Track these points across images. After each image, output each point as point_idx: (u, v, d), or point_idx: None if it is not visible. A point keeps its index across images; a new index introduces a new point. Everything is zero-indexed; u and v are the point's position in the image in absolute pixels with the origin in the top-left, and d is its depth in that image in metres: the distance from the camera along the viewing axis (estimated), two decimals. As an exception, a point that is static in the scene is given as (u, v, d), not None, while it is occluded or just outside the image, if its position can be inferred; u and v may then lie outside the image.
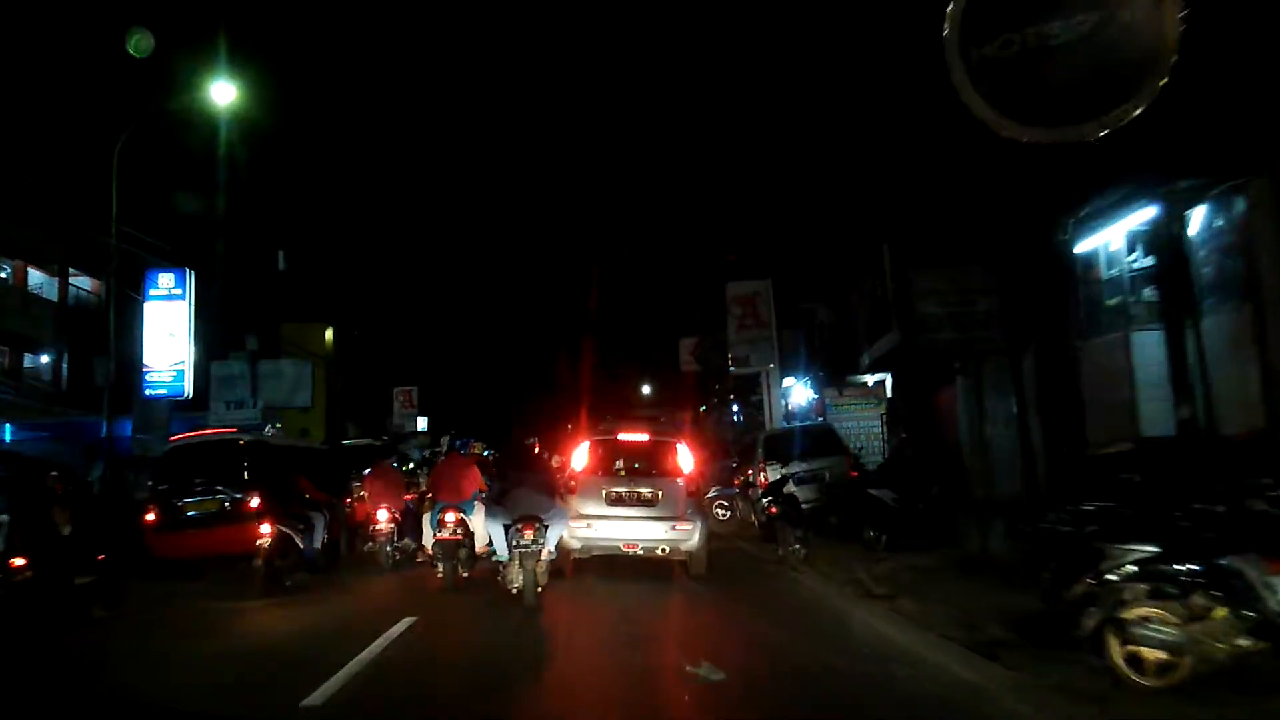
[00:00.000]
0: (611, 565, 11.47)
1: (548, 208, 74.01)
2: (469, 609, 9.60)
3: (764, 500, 13.08)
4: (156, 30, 18.74)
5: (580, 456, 11.41)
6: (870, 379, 22.06)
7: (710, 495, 21.47)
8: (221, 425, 30.28)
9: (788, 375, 24.32)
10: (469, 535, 10.54)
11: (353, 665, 6.62)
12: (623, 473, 11.22)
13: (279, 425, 31.69)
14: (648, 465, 11.36)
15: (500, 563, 9.55)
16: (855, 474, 15.71)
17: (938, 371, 15.46)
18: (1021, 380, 11.02)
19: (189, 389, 22.25)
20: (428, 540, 10.89)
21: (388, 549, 12.57)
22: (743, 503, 18.64)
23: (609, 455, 11.49)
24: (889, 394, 21.00)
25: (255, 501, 11.64)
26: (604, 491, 10.81)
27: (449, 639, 8.22)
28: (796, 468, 15.57)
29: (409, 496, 13.65)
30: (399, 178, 63.29)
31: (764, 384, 23.99)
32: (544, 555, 9.20)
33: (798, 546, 11.92)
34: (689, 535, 10.69)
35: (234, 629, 8.91)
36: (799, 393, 25.53)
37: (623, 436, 11.62)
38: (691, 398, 47.25)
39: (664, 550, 10.69)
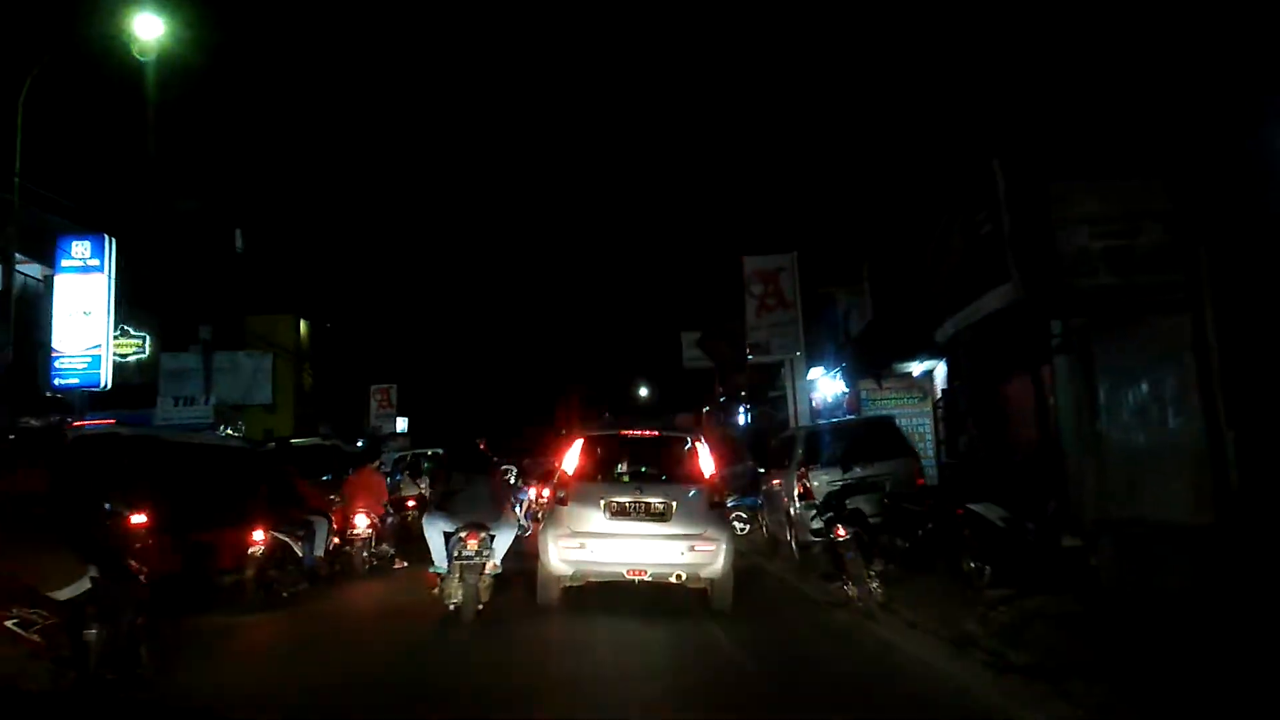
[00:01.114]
0: (607, 592, 9.07)
1: (536, 188, 70.47)
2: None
3: (819, 518, 9.62)
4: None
5: (572, 457, 9.14)
6: (917, 368, 18.59)
7: (729, 505, 18.29)
8: (170, 423, 27.20)
9: (814, 365, 20.83)
10: None
11: None
12: (626, 478, 9.21)
13: (241, 427, 28.44)
14: (658, 468, 9.40)
15: (439, 574, 8.47)
16: (922, 480, 12.26)
17: (1011, 353, 12.08)
18: (1206, 349, 7.55)
19: (106, 378, 18.68)
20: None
21: (364, 554, 11.91)
22: (769, 516, 15.16)
23: (609, 456, 9.63)
24: (942, 385, 17.56)
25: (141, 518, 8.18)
26: (603, 502, 8.60)
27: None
28: (850, 474, 12.12)
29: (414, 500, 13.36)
30: (377, 155, 59.44)
31: (787, 375, 20.50)
32: (489, 569, 8.48)
33: (876, 585, 8.43)
34: (712, 558, 8.47)
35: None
36: (825, 385, 22.02)
37: (626, 432, 9.74)
38: (695, 398, 44.00)
39: (679, 577, 8.46)
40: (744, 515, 18.31)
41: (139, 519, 7.21)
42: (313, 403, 37.80)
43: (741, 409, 34.82)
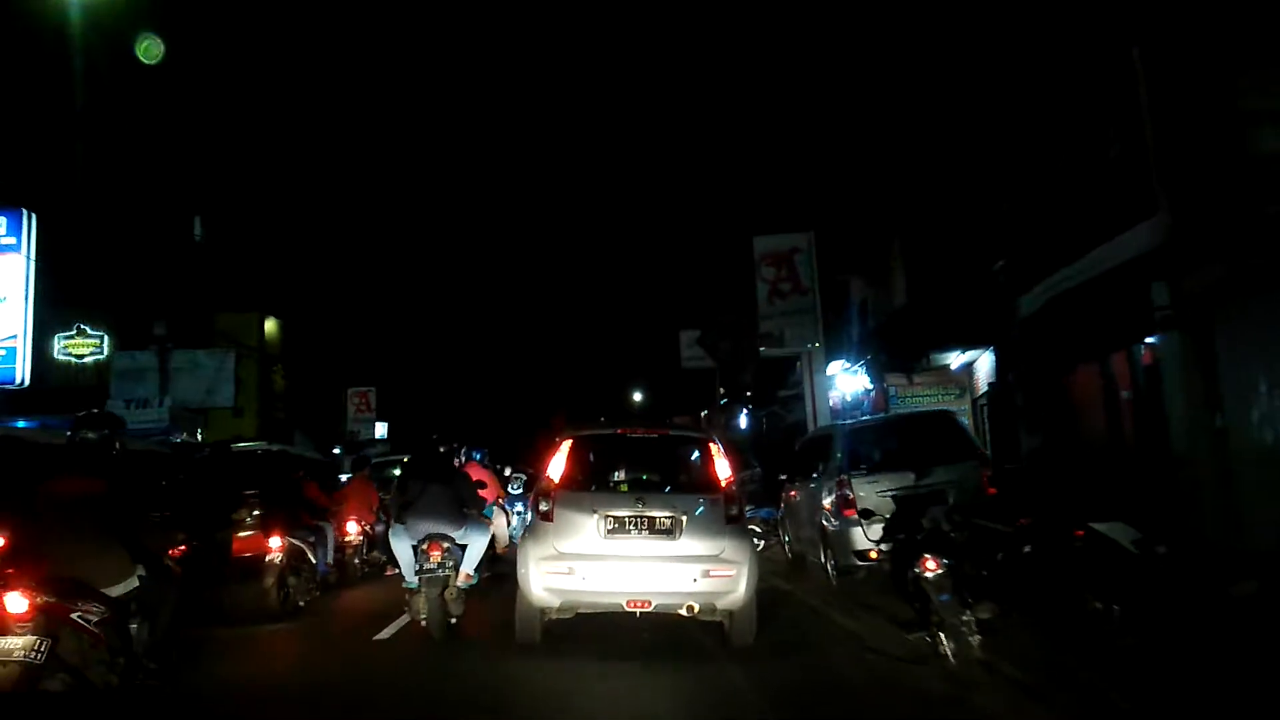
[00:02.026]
0: (598, 623, 7.70)
1: (524, 176, 67.85)
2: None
3: (885, 540, 7.32)
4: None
5: (558, 462, 7.55)
6: (956, 359, 16.30)
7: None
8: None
9: (834, 358, 18.52)
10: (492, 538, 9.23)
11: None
12: (625, 487, 7.89)
13: (200, 434, 26.01)
14: (664, 475, 8.06)
15: (409, 589, 8.05)
16: (993, 490, 9.94)
17: (1097, 331, 9.85)
18: None
19: (23, 373, 16.22)
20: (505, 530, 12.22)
21: (355, 561, 12.39)
22: (792, 531, 12.82)
23: (604, 460, 8.42)
24: (988, 378, 15.26)
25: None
26: (597, 516, 7.18)
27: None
28: (901, 482, 9.84)
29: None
30: (359, 140, 56.65)
31: (804, 370, 18.16)
32: (461, 580, 8.02)
33: (975, 636, 6.07)
34: (731, 584, 7.04)
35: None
36: (844, 382, 19.70)
37: (625, 432, 8.17)
38: (693, 401, 41.77)
39: (691, 609, 7.05)
40: (758, 530, 16.04)
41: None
42: (286, 406, 35.37)
43: (744, 412, 32.49)
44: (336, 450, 36.96)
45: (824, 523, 10.47)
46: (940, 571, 6.20)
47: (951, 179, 13.40)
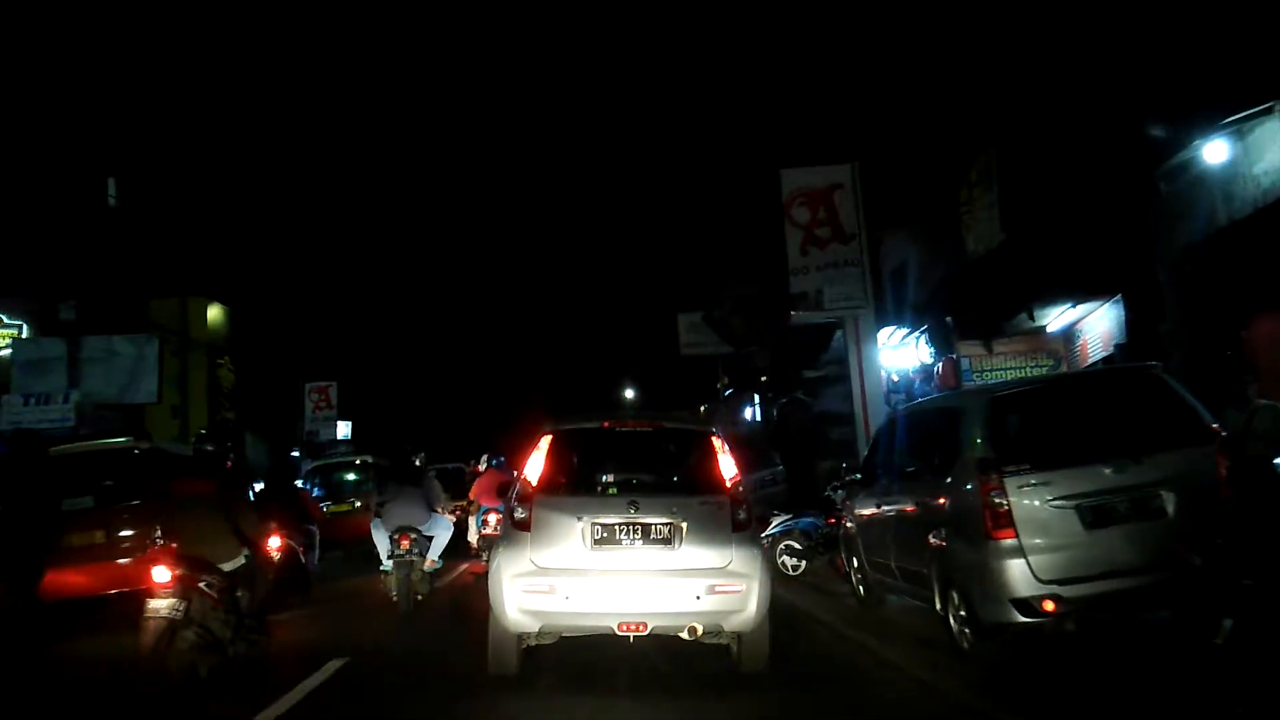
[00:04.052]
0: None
1: (501, 144, 63.27)
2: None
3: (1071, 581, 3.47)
4: None
5: (536, 462, 6.54)
6: (1056, 319, 12.42)
7: (773, 531, 12.30)
8: (19, 425, 20.82)
9: (886, 324, 14.63)
10: None
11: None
12: (615, 490, 6.59)
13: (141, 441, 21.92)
14: (659, 475, 6.88)
15: (384, 572, 9.74)
16: (1229, 492, 6.03)
17: None
18: None
19: None
20: (473, 537, 13.03)
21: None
22: (866, 556, 8.91)
23: (590, 459, 6.95)
24: (1112, 338, 11.39)
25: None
26: (583, 524, 6.17)
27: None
28: (1089, 482, 5.96)
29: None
30: (320, 108, 51.93)
31: (848, 339, 14.22)
32: (426, 565, 9.76)
33: None
34: (740, 602, 6.07)
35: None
36: (889, 357, 15.77)
37: (614, 425, 7.15)
38: (692, 394, 37.91)
39: (694, 631, 6.11)
40: (797, 546, 12.23)
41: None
42: (235, 404, 31.28)
43: (755, 401, 28.58)
44: (295, 453, 33.02)
45: (945, 548, 6.54)
46: None
47: (1084, 56, 9.52)
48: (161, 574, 6.06)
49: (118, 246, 23.89)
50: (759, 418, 28.96)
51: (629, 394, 48.19)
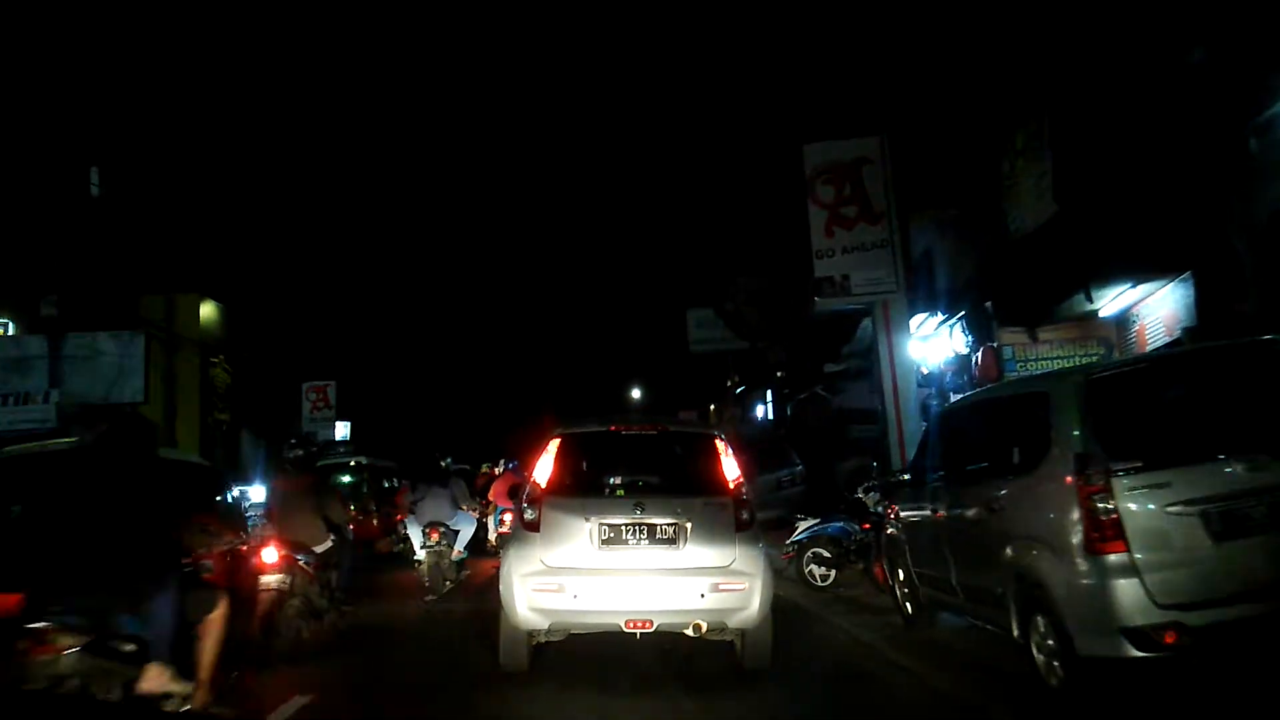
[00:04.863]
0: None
1: (506, 133, 62.10)
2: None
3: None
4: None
5: (545, 465, 6.79)
6: (1111, 302, 11.28)
7: (800, 537, 11.16)
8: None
9: (915, 311, 13.48)
10: None
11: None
12: (621, 491, 6.80)
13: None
14: (664, 477, 7.03)
15: (418, 561, 11.23)
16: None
17: None
18: None
19: None
20: (492, 536, 13.77)
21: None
22: (916, 567, 7.76)
23: (597, 462, 7.19)
24: (1178, 323, 10.23)
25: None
26: (591, 525, 6.41)
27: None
28: (1219, 483, 4.77)
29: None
30: (319, 100, 50.80)
31: (878, 327, 13.09)
32: (454, 555, 11.32)
33: None
34: (743, 599, 6.29)
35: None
36: (917, 349, 14.59)
37: (619, 429, 7.39)
38: (701, 393, 36.80)
39: (698, 628, 6.29)
40: (825, 554, 11.13)
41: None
42: (230, 405, 30.23)
43: (769, 399, 27.44)
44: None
45: (1029, 564, 5.39)
46: None
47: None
48: (270, 554, 7.23)
49: (102, 239, 22.82)
50: (771, 416, 27.82)
51: (635, 394, 47.15)
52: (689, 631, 6.35)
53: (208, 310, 29.62)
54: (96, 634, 4.01)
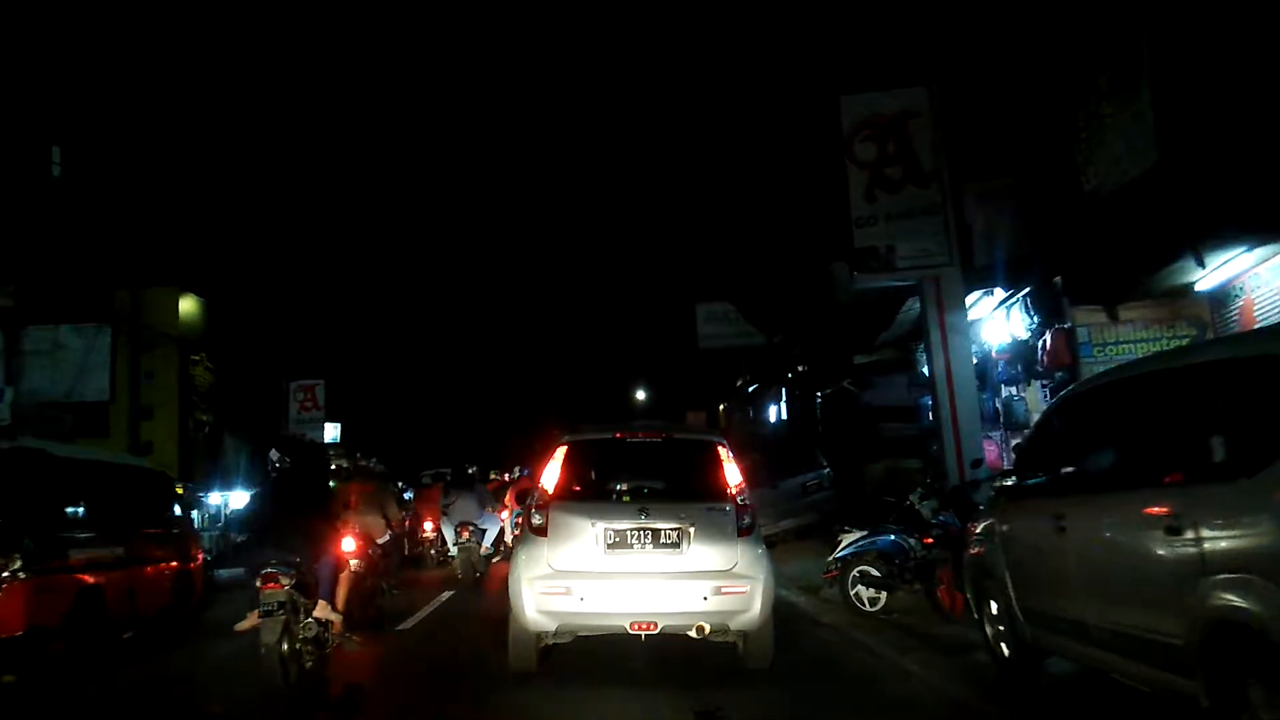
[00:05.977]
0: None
1: (505, 116, 60.22)
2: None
3: None
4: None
5: (552, 471, 7.08)
6: (1212, 274, 9.51)
7: (844, 553, 9.48)
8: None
9: (975, 287, 11.67)
10: None
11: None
12: (627, 497, 7.06)
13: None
14: (668, 483, 7.30)
15: (451, 556, 13.38)
16: None
17: None
18: None
19: None
20: (509, 538, 14.75)
21: (432, 551, 16.42)
22: (1019, 600, 5.97)
23: (602, 468, 7.51)
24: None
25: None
26: (597, 530, 6.68)
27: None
28: None
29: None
30: (303, 90, 49.08)
31: (928, 305, 11.32)
32: (482, 550, 13.31)
33: None
34: (745, 602, 6.56)
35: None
36: (978, 326, 12.77)
37: (624, 436, 7.51)
38: (709, 393, 35.05)
39: (701, 630, 6.54)
40: (875, 573, 9.40)
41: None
42: (211, 405, 28.52)
43: (778, 400, 25.64)
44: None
45: (1243, 607, 3.63)
46: None
47: None
48: (350, 543, 8.29)
49: (66, 225, 21.11)
50: (785, 415, 26.05)
51: (640, 395, 45.43)
52: (692, 633, 6.57)
53: (188, 304, 27.95)
54: (296, 578, 6.55)
